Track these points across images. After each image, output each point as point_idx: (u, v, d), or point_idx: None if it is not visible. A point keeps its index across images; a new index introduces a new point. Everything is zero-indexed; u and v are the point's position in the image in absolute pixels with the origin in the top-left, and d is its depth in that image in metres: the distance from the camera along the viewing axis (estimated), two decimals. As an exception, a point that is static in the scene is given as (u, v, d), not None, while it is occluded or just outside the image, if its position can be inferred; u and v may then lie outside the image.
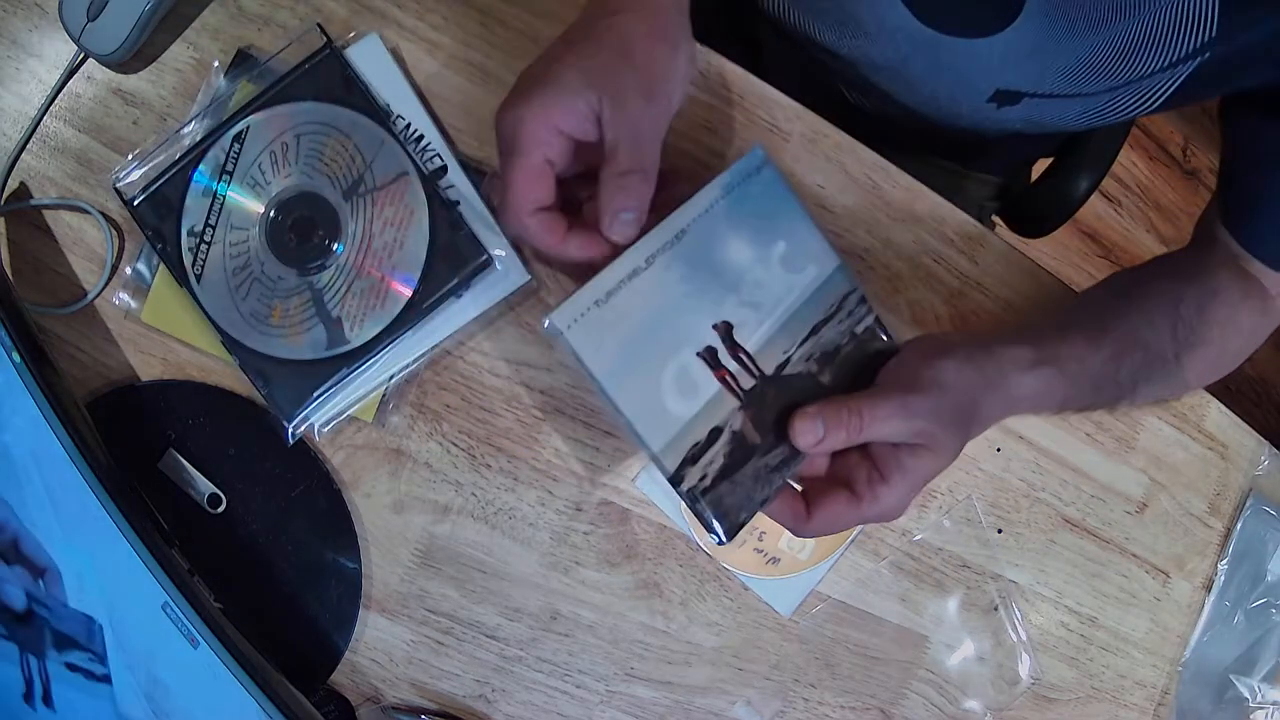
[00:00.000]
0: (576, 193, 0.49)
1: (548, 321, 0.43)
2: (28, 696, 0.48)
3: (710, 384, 0.47)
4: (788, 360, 0.49)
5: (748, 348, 0.48)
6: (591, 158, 0.46)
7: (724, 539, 0.47)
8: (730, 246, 0.48)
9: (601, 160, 0.46)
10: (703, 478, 0.46)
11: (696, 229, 0.47)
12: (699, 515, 0.47)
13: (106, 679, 0.48)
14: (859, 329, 0.52)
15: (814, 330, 0.50)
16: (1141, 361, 0.58)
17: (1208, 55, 0.52)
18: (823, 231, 0.51)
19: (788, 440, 0.48)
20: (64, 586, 0.47)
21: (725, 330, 0.48)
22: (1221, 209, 0.61)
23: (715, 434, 0.47)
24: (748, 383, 0.48)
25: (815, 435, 0.47)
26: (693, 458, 0.46)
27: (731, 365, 0.48)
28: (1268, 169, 0.57)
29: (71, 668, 0.48)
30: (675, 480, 0.46)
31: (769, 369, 0.49)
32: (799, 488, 0.51)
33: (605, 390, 0.44)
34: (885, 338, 0.53)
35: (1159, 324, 0.59)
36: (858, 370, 0.52)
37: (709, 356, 0.47)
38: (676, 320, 0.46)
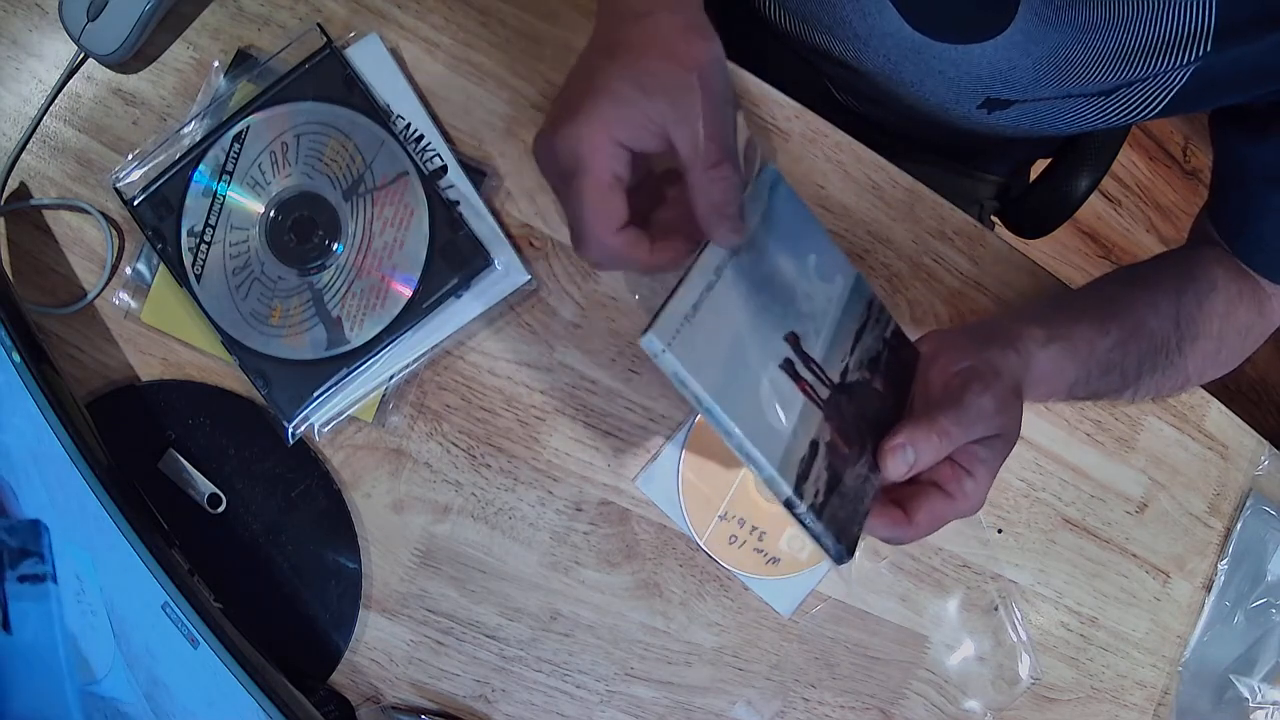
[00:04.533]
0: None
1: (646, 340, 0.39)
2: None
3: (796, 396, 0.45)
4: (846, 368, 0.48)
5: (814, 358, 0.47)
6: (645, 172, 0.45)
7: (845, 558, 0.44)
8: (777, 260, 0.47)
9: (653, 171, 0.44)
10: (816, 494, 0.44)
11: (745, 245, 0.45)
12: (816, 537, 0.44)
13: (50, 577, 0.46)
14: (888, 334, 0.51)
15: (858, 338, 0.49)
16: (1148, 350, 0.58)
17: (1200, 65, 0.52)
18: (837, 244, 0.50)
19: (869, 450, 0.47)
20: (18, 499, 0.46)
21: (794, 341, 0.46)
22: (1214, 217, 0.62)
23: (814, 447, 0.44)
24: (823, 393, 0.46)
25: (907, 463, 0.46)
26: (804, 474, 0.43)
27: (808, 376, 0.46)
28: (1256, 185, 0.58)
29: (23, 579, 0.46)
30: (794, 500, 0.43)
31: (835, 379, 0.47)
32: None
33: (714, 412, 0.41)
34: (908, 340, 0.53)
35: (1164, 313, 0.59)
36: (900, 375, 0.51)
37: (789, 369, 0.45)
38: (755, 334, 0.44)
